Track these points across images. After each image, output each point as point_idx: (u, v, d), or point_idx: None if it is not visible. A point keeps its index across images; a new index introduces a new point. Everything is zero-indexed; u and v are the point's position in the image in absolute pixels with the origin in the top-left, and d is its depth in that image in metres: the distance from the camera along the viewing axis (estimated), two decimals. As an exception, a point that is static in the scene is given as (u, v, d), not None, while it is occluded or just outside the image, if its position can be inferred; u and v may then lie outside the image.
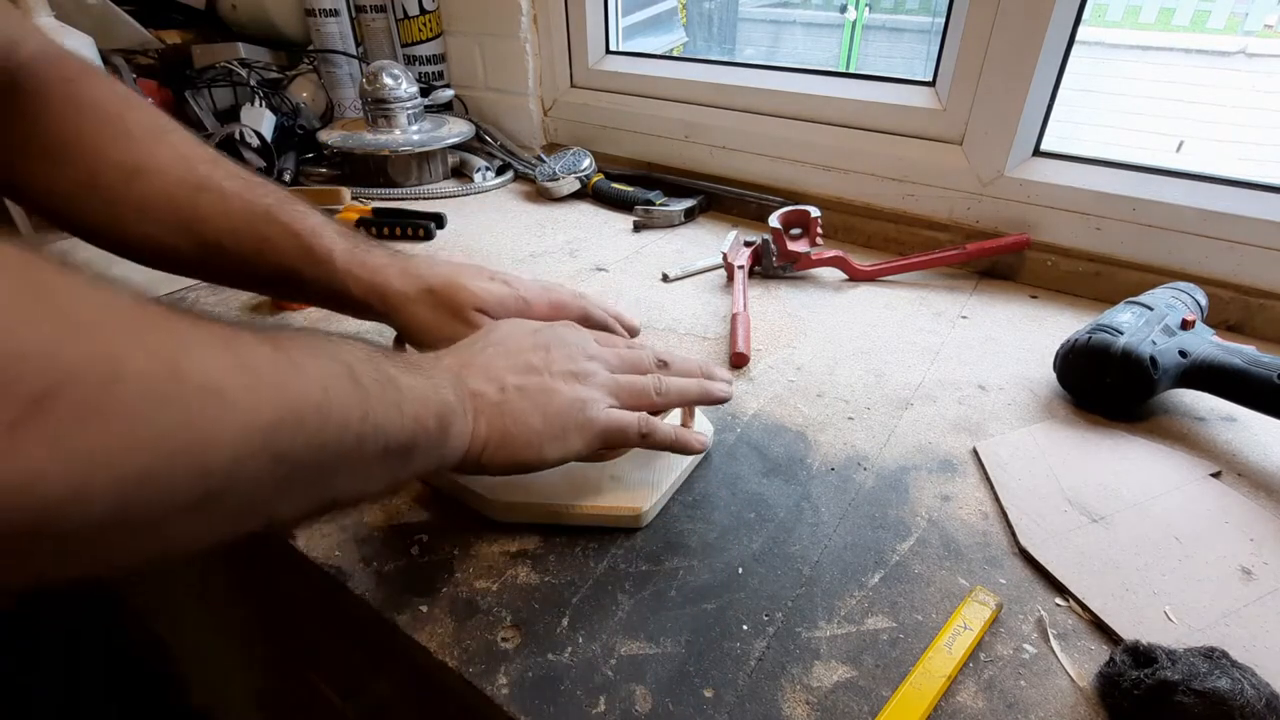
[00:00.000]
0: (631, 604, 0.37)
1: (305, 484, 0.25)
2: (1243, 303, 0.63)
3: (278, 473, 0.23)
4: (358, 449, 0.27)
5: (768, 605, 0.37)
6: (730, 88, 0.88)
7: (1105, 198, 0.67)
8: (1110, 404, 0.52)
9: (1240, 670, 0.30)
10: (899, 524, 0.43)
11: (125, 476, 0.18)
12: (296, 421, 0.23)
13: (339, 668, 0.54)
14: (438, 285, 0.46)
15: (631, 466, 0.44)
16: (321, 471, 0.25)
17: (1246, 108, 3.50)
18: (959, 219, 0.76)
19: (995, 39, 0.67)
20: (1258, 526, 0.42)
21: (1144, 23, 4.53)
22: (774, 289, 0.72)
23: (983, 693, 0.33)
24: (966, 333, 0.64)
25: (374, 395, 0.28)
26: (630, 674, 0.34)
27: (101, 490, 0.17)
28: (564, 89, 1.03)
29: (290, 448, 0.23)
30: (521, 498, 0.42)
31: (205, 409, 0.20)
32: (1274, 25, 4.25)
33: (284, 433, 0.23)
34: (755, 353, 0.60)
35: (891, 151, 0.77)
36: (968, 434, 0.50)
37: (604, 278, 0.74)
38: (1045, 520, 0.42)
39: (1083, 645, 0.35)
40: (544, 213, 0.91)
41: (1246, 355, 0.49)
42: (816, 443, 0.49)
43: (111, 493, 0.17)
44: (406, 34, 1.05)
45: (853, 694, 0.33)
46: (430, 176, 0.99)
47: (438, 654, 0.35)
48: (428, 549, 0.41)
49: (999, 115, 0.70)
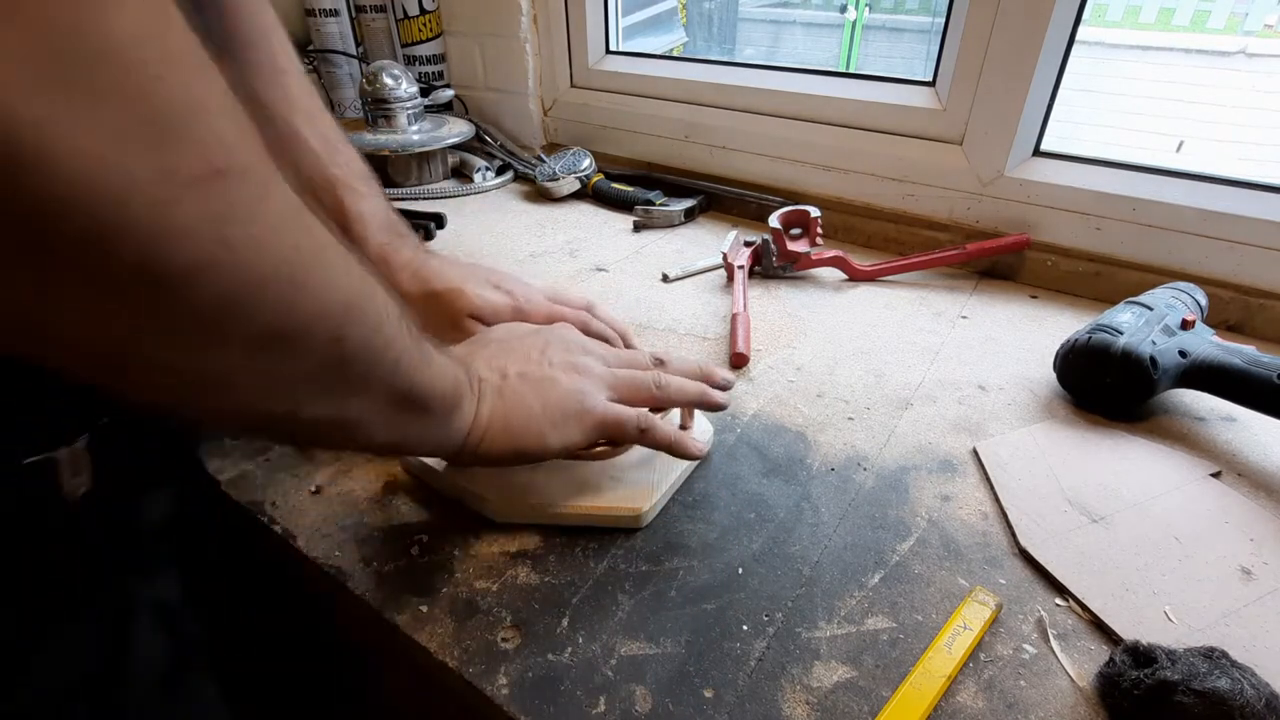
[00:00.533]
0: (631, 604, 0.37)
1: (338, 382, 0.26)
2: (1243, 303, 0.63)
3: (329, 354, 0.24)
4: (389, 377, 0.28)
5: (768, 605, 0.37)
6: (730, 88, 0.88)
7: (1105, 198, 0.67)
8: (1110, 404, 0.52)
9: (1240, 670, 0.30)
10: (899, 524, 0.43)
11: (242, 271, 0.19)
12: (361, 316, 0.26)
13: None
14: (441, 290, 0.47)
15: (631, 467, 0.44)
16: (354, 378, 0.27)
17: (1246, 108, 3.50)
18: (959, 219, 0.76)
19: (995, 39, 0.67)
20: (1258, 526, 0.42)
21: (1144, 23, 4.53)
22: (774, 289, 0.72)
23: (983, 693, 0.33)
24: (966, 333, 0.64)
25: (409, 341, 0.29)
26: (630, 674, 0.34)
27: (218, 275, 0.19)
28: (564, 89, 1.03)
29: (347, 335, 0.25)
30: (521, 498, 0.42)
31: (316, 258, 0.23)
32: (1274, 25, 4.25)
33: (352, 318, 0.25)
34: (755, 353, 0.60)
35: (891, 151, 0.77)
36: (968, 434, 0.50)
37: (604, 278, 0.74)
38: (1045, 520, 0.42)
39: (1083, 645, 0.35)
40: (544, 213, 0.91)
41: (1246, 355, 0.49)
42: (816, 443, 0.49)
43: (225, 282, 0.19)
44: (406, 34, 1.06)
45: (853, 694, 0.33)
46: (430, 176, 0.99)
47: (438, 654, 0.35)
48: (428, 549, 0.41)
49: (999, 115, 0.70)
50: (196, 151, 0.18)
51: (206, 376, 0.22)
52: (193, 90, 0.18)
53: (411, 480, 0.46)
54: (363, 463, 0.47)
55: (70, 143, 0.15)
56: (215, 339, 0.20)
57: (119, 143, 0.16)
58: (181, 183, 0.17)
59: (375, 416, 0.29)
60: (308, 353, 0.24)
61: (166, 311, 0.19)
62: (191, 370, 0.21)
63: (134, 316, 0.19)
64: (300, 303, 0.22)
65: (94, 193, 0.16)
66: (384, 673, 0.48)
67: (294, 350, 0.23)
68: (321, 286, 0.23)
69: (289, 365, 0.23)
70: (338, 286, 0.24)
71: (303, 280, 0.22)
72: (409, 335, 0.30)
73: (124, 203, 0.16)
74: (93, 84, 0.15)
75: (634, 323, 0.65)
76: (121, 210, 0.16)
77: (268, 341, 0.22)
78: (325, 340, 0.24)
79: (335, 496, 0.45)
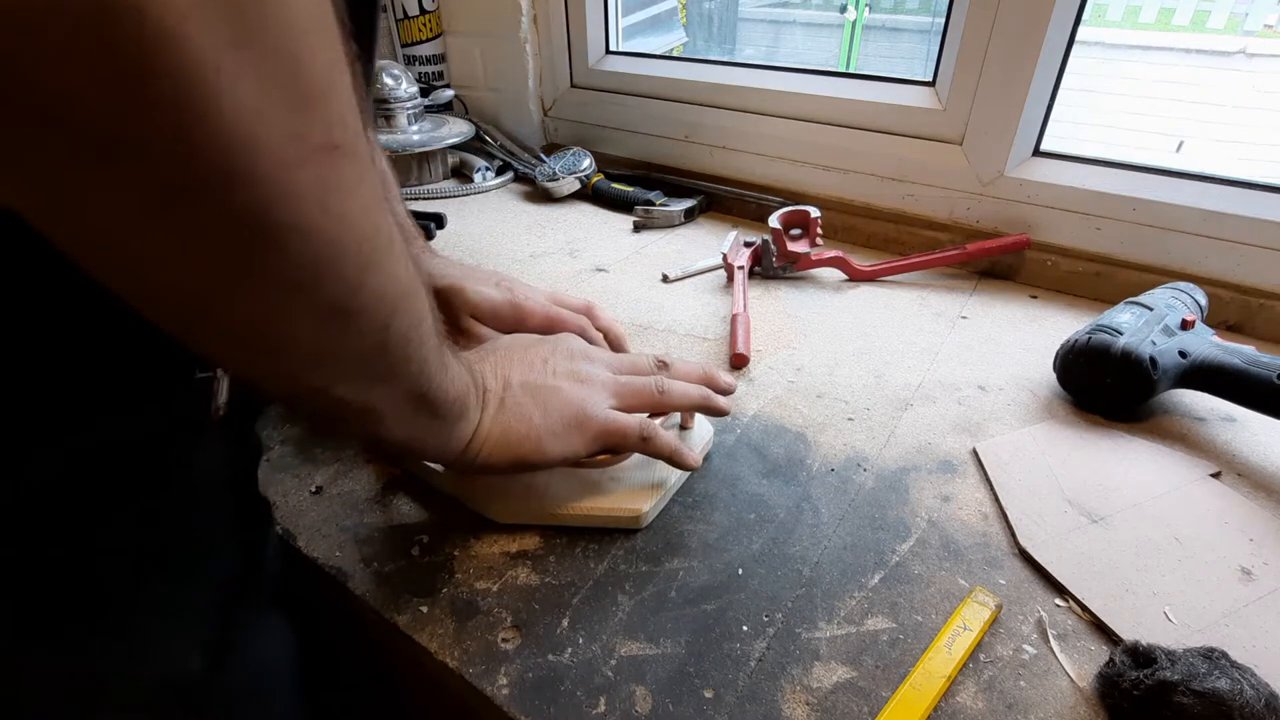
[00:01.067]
0: (632, 604, 0.37)
1: (373, 368, 0.27)
2: (1243, 303, 0.63)
3: (376, 339, 0.26)
4: (415, 374, 0.30)
5: (768, 606, 0.37)
6: (730, 88, 0.88)
7: (1105, 198, 0.67)
8: (1110, 404, 0.52)
9: (1240, 670, 0.30)
10: (899, 524, 0.43)
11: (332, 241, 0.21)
12: (408, 309, 0.27)
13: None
14: (441, 287, 0.47)
15: (632, 468, 0.44)
16: (387, 367, 0.28)
17: (1246, 108, 3.51)
18: (959, 219, 0.76)
19: (995, 39, 0.67)
20: (1258, 526, 0.42)
21: (1144, 23, 4.53)
22: (774, 289, 0.72)
23: (983, 693, 0.33)
24: (966, 333, 0.64)
25: (435, 343, 0.31)
26: (630, 674, 0.34)
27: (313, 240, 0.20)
28: (564, 89, 1.03)
29: (393, 325, 0.26)
30: (522, 498, 0.42)
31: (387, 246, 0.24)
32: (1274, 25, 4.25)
33: (401, 309, 0.26)
34: (755, 353, 0.60)
35: (891, 151, 0.77)
36: (968, 434, 0.50)
37: (604, 278, 0.74)
38: (1045, 521, 0.42)
39: (1082, 646, 0.35)
40: (544, 213, 0.91)
41: (1246, 355, 0.49)
42: (816, 443, 0.49)
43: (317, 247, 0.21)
44: (406, 34, 1.06)
45: (853, 694, 0.33)
46: (430, 177, 0.99)
47: (438, 654, 0.35)
48: (428, 549, 0.41)
49: (999, 115, 0.70)
50: (325, 124, 0.19)
51: (270, 337, 0.23)
52: (333, 70, 0.19)
53: (411, 480, 0.46)
54: (363, 463, 0.47)
55: (237, 92, 0.16)
56: (292, 301, 0.22)
57: (271, 102, 0.17)
58: (307, 149, 0.19)
59: (394, 410, 0.30)
60: (360, 333, 0.25)
61: (262, 264, 0.20)
62: (259, 328, 0.22)
63: (234, 264, 0.20)
64: (368, 283, 0.23)
65: (242, 139, 0.17)
66: (386, 672, 0.48)
67: (352, 327, 0.24)
68: (386, 273, 0.24)
69: (342, 341, 0.25)
70: (398, 277, 0.25)
71: (374, 262, 0.23)
72: (436, 337, 0.31)
73: (259, 154, 0.18)
74: (267, 43, 0.17)
75: (634, 323, 0.65)
76: (256, 160, 0.18)
77: (333, 313, 0.23)
78: (377, 324, 0.25)
79: (335, 496, 0.45)
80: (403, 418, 0.31)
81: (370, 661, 0.48)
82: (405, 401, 0.30)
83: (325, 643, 0.51)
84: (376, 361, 0.27)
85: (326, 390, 0.26)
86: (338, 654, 0.51)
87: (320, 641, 0.51)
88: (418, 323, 0.28)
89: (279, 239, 0.20)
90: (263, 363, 0.24)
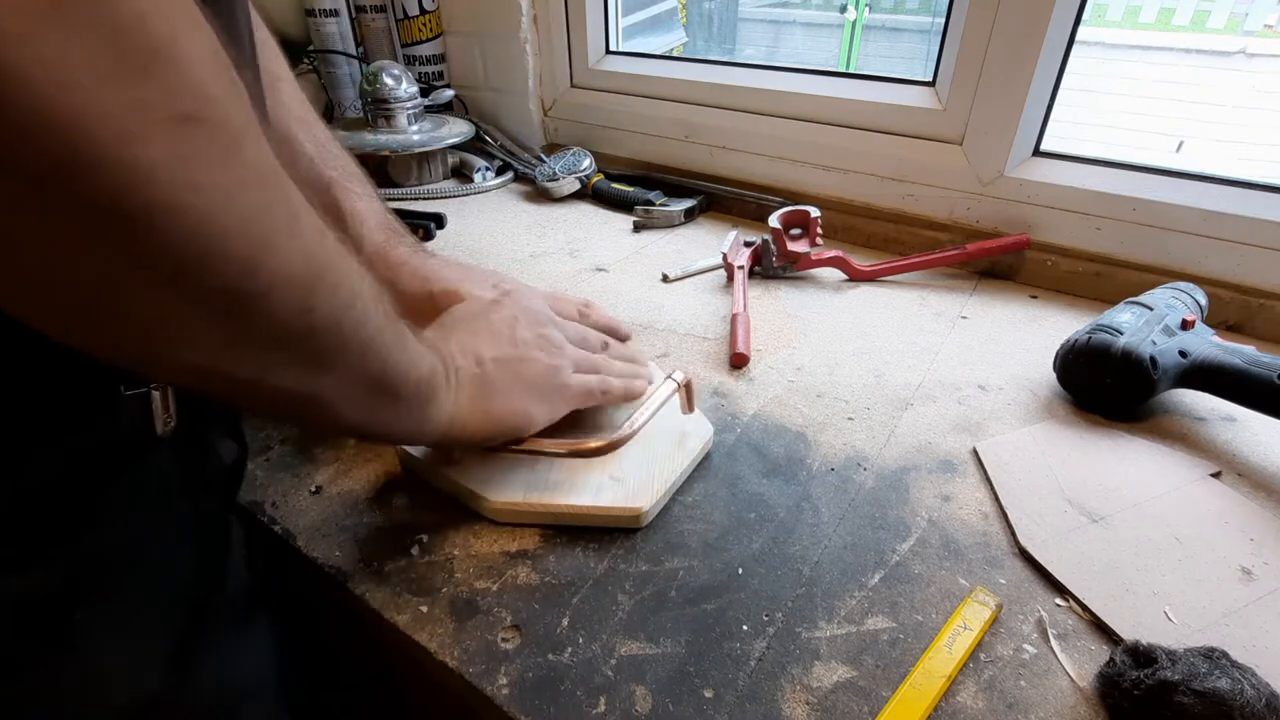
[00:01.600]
0: (631, 604, 0.37)
1: (306, 355, 0.26)
2: (1243, 303, 0.63)
3: (296, 323, 0.24)
4: (360, 357, 0.28)
5: (768, 605, 0.37)
6: (730, 88, 0.88)
7: (1105, 198, 0.67)
8: (1110, 404, 0.52)
9: (1240, 670, 0.30)
10: (899, 524, 0.43)
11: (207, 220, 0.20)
12: (333, 290, 0.25)
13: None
14: (439, 289, 0.47)
15: (632, 466, 0.44)
16: (323, 352, 0.27)
17: (1246, 108, 3.50)
18: (959, 219, 0.76)
19: (995, 39, 0.67)
20: (1258, 526, 0.42)
21: (1144, 23, 4.53)
22: (774, 289, 0.72)
23: (983, 693, 0.33)
24: (966, 333, 0.64)
25: (384, 322, 0.30)
26: (630, 674, 0.34)
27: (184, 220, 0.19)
28: (564, 89, 1.03)
29: (315, 307, 0.25)
30: (521, 497, 0.42)
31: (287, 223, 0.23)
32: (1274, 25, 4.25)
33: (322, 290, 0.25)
34: (755, 353, 0.60)
35: (891, 151, 0.77)
36: (968, 434, 0.50)
37: (604, 278, 0.74)
38: (1045, 520, 0.42)
39: (1083, 645, 0.35)
40: (544, 213, 0.91)
41: (1246, 355, 0.49)
42: (816, 443, 0.49)
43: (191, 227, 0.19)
44: (406, 34, 1.06)
45: (853, 694, 0.33)
46: (430, 177, 0.99)
47: (438, 654, 0.35)
48: (428, 549, 0.41)
49: (999, 115, 0.70)
50: (169, 93, 0.18)
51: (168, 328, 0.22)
52: (176, 38, 0.18)
53: (411, 480, 0.46)
54: (363, 463, 0.47)
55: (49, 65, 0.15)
56: (178, 287, 0.20)
57: (95, 72, 0.16)
58: (152, 121, 0.18)
59: (345, 396, 0.29)
60: (269, 318, 0.23)
61: (135, 251, 0.19)
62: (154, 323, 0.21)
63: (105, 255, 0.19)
64: (266, 264, 0.22)
65: (67, 116, 0.16)
66: (386, 672, 0.48)
67: (255, 312, 0.23)
68: (290, 252, 0.23)
69: (251, 327, 0.23)
70: (308, 256, 0.24)
71: (271, 242, 0.22)
72: (384, 317, 0.30)
73: (94, 131, 0.17)
74: (78, 10, 0.16)
75: (634, 323, 0.65)
76: (91, 138, 0.17)
77: (230, 299, 0.22)
78: (291, 309, 0.24)
79: (335, 496, 0.45)
80: (358, 403, 0.30)
81: (370, 661, 0.48)
82: (356, 385, 0.29)
83: (325, 643, 0.51)
84: (307, 348, 0.26)
85: (260, 381, 0.25)
86: (338, 654, 0.51)
87: (320, 641, 0.51)
88: (350, 302, 0.27)
89: (147, 220, 0.18)
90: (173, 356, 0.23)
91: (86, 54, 0.16)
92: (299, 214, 0.24)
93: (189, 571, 0.34)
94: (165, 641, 0.32)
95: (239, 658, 0.36)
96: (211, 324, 0.22)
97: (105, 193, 0.17)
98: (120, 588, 0.30)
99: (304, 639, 0.40)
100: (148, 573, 0.32)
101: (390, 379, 0.31)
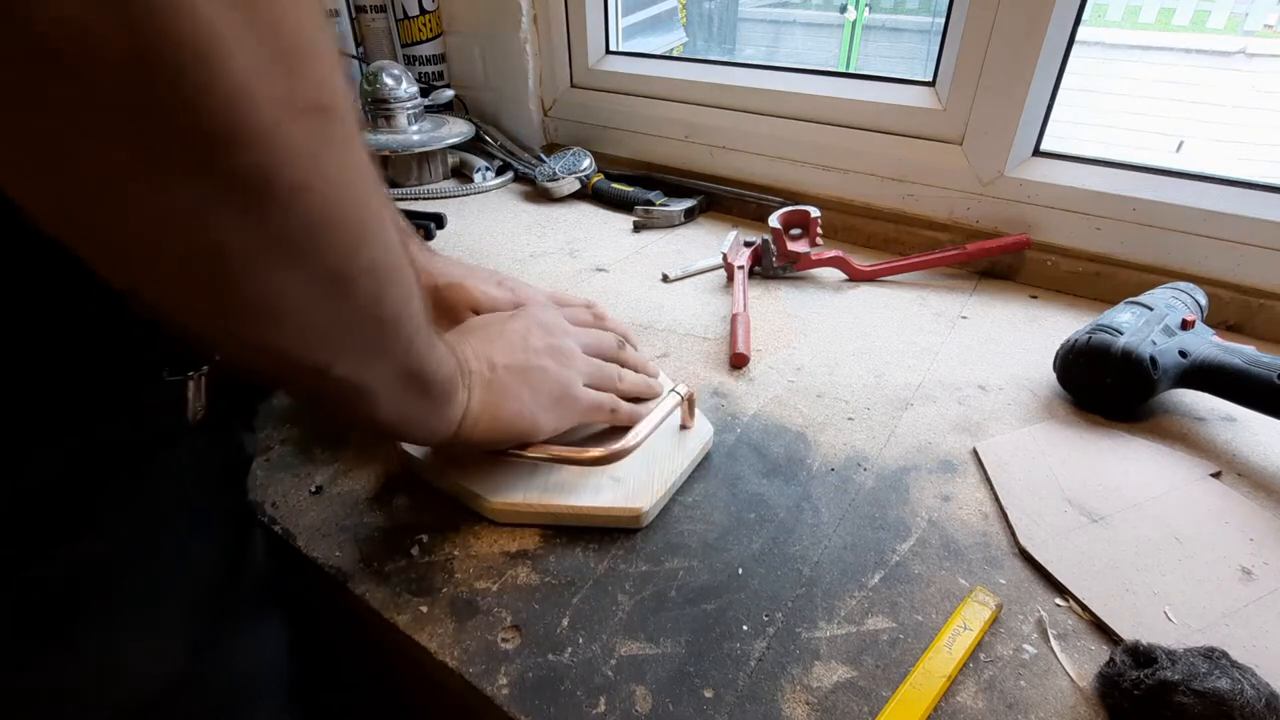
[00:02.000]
0: (631, 604, 0.37)
1: (368, 342, 0.27)
2: (1243, 303, 0.63)
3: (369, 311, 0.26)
4: (406, 350, 0.30)
5: (768, 605, 0.37)
6: (730, 88, 0.88)
7: (1105, 198, 0.67)
8: (1110, 404, 0.52)
9: (1240, 670, 0.30)
10: (899, 524, 0.43)
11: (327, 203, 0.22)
12: (399, 284, 0.27)
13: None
14: (443, 285, 0.47)
15: (632, 467, 0.44)
16: (380, 341, 0.28)
17: (1246, 108, 3.51)
18: (959, 219, 0.76)
19: (995, 39, 0.67)
20: (1258, 526, 0.42)
21: (1144, 23, 4.53)
22: (774, 289, 0.72)
23: (983, 693, 0.33)
24: (966, 333, 0.64)
25: (423, 322, 0.31)
26: (630, 674, 0.34)
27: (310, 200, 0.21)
28: (564, 89, 1.03)
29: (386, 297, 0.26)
30: (521, 498, 0.42)
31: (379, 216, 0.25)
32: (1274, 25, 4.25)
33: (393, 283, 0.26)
34: (755, 353, 0.60)
35: (891, 151, 0.77)
36: (968, 434, 0.50)
37: (604, 278, 0.74)
38: (1045, 520, 0.42)
39: (1083, 645, 0.35)
40: (544, 213, 0.91)
41: (1246, 355, 0.49)
42: (816, 443, 0.49)
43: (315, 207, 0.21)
44: (406, 34, 1.06)
45: (853, 694, 0.33)
46: (430, 177, 0.99)
47: (438, 654, 0.35)
48: (428, 549, 0.41)
49: (999, 115, 0.70)
50: (313, 85, 0.20)
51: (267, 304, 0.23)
52: (320, 36, 0.20)
53: (411, 480, 0.46)
54: (363, 463, 0.47)
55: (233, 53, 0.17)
56: (293, 265, 0.22)
57: (264, 61, 0.18)
58: (298, 108, 0.20)
59: (387, 389, 0.30)
60: (356, 304, 0.25)
61: (263, 223, 0.21)
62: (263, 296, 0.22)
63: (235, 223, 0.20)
64: (362, 251, 0.24)
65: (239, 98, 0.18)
66: (386, 672, 0.48)
67: (349, 297, 0.25)
68: (379, 244, 0.25)
69: (339, 312, 0.25)
70: (390, 249, 0.26)
71: (368, 231, 0.24)
72: (423, 316, 0.31)
73: (254, 114, 0.18)
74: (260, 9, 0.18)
75: (634, 323, 0.65)
76: (251, 120, 0.18)
77: (332, 281, 0.24)
78: (370, 295, 0.25)
79: (335, 496, 0.45)
80: (396, 397, 0.31)
81: (370, 661, 0.48)
82: (398, 380, 0.31)
83: (325, 643, 0.51)
84: (372, 336, 0.27)
85: (327, 370, 0.26)
86: (338, 654, 0.51)
87: (320, 641, 0.51)
88: (408, 298, 0.28)
89: (283, 196, 0.20)
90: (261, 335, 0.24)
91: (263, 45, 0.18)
92: (385, 210, 0.25)
93: (213, 558, 0.35)
94: (189, 624, 0.32)
95: (256, 645, 0.37)
96: (309, 304, 0.24)
97: (257, 168, 0.19)
98: (142, 575, 0.31)
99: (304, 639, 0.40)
100: (169, 560, 0.32)
101: (424, 375, 0.32)
